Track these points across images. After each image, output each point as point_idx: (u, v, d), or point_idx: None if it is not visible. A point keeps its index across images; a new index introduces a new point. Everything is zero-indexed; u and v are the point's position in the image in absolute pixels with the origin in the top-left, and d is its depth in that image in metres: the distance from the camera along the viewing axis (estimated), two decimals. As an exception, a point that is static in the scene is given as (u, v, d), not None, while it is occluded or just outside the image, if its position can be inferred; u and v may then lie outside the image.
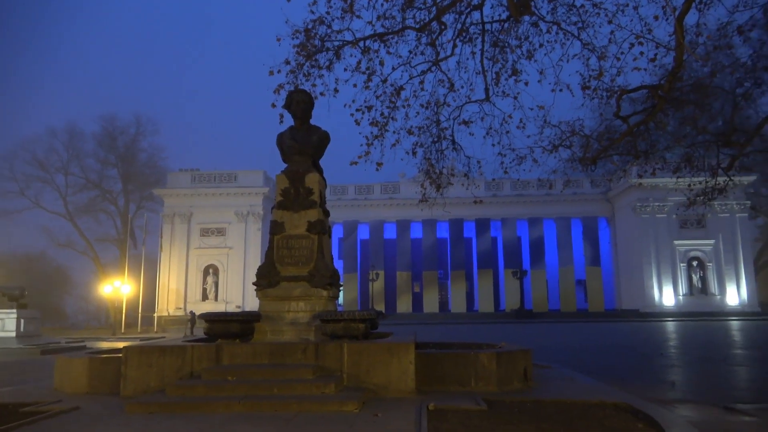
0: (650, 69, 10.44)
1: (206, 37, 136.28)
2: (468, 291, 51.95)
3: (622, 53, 10.10)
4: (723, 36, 9.72)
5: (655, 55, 9.89)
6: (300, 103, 9.50)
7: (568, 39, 10.61)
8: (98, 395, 7.77)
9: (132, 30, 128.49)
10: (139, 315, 42.53)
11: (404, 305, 50.36)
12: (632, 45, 9.91)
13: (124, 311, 40.90)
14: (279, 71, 10.38)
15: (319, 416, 6.06)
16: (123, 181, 58.34)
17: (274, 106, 10.56)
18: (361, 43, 10.63)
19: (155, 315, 44.84)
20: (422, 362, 7.70)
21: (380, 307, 47.39)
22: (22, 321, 22.40)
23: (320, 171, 9.83)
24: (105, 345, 25.24)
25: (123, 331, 39.77)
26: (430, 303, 50.32)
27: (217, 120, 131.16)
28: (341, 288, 10.13)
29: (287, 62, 10.47)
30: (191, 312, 36.52)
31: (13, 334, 21.93)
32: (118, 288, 41.73)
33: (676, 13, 8.75)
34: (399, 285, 50.84)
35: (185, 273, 47.60)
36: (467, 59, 11.34)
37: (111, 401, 7.22)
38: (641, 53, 9.91)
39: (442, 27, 10.84)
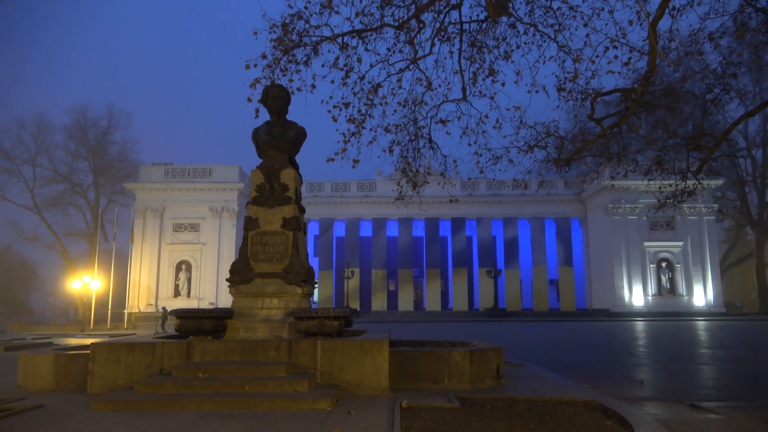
0: (624, 72, 10.64)
1: (183, 30, 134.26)
2: (443, 289, 52.27)
3: (597, 56, 10.26)
4: (694, 42, 9.93)
5: (629, 59, 10.07)
6: (276, 98, 9.43)
7: (544, 41, 10.74)
8: (64, 393, 7.58)
9: (106, 21, 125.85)
10: (109, 311, 41.73)
11: (379, 303, 50.42)
12: (607, 48, 10.08)
13: (93, 307, 40.08)
14: (255, 65, 10.27)
15: (291, 414, 6.01)
16: (94, 174, 57.12)
17: (250, 100, 10.44)
18: (339, 39, 10.58)
19: (125, 311, 44.07)
20: (396, 360, 7.70)
21: (355, 304, 47.35)
22: (-14, 316, 21.74)
23: (296, 167, 9.77)
24: (73, 342, 24.65)
25: (92, 327, 38.98)
26: (405, 301, 50.48)
27: (192, 114, 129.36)
28: (316, 285, 10.09)
29: (264, 56, 10.37)
30: (163, 308, 35.95)
31: (-24, 330, 21.27)
32: (87, 283, 40.86)
33: (650, 18, 8.92)
34: (374, 283, 50.88)
35: (157, 269, 46.87)
36: (445, 58, 11.39)
37: (77, 399, 7.06)
38: (615, 57, 10.07)
39: (421, 25, 10.86)
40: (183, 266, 47.24)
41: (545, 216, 52.04)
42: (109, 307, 41.62)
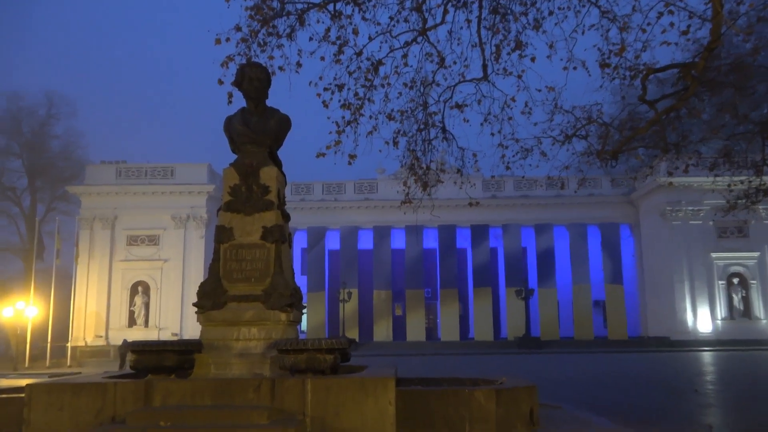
0: (682, 44, 10.66)
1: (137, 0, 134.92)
2: (461, 314, 52.11)
3: (648, 24, 10.27)
4: (768, 5, 9.97)
5: (688, 26, 10.09)
6: (254, 80, 9.46)
7: (583, 5, 10.76)
8: (-6, 446, 7.60)
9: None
10: (48, 345, 41.69)
11: (383, 332, 50.31)
12: (660, 14, 10.09)
13: (28, 340, 40.07)
14: (228, 40, 10.33)
15: (275, 470, 6.00)
16: (29, 175, 57.14)
17: (221, 83, 10.51)
18: (331, 6, 10.65)
19: (69, 345, 44.04)
20: (404, 402, 7.69)
21: (353, 334, 47.24)
22: None
23: (279, 164, 9.81)
24: (4, 383, 24.66)
25: (27, 365, 38.95)
26: (415, 329, 50.34)
27: (151, 102, 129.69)
28: (304, 310, 10.11)
29: (238, 28, 10.44)
30: (123, 341, 35.33)
31: None
32: (21, 310, 40.85)
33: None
34: (376, 307, 50.79)
35: (107, 292, 46.92)
36: (461, 28, 11.43)
37: (10, 454, 7.06)
38: (671, 24, 10.09)
39: (431, -12, 10.94)
40: (140, 288, 47.27)
41: (587, 222, 51.91)
42: (49, 340, 41.58)
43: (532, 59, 11.29)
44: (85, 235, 47.16)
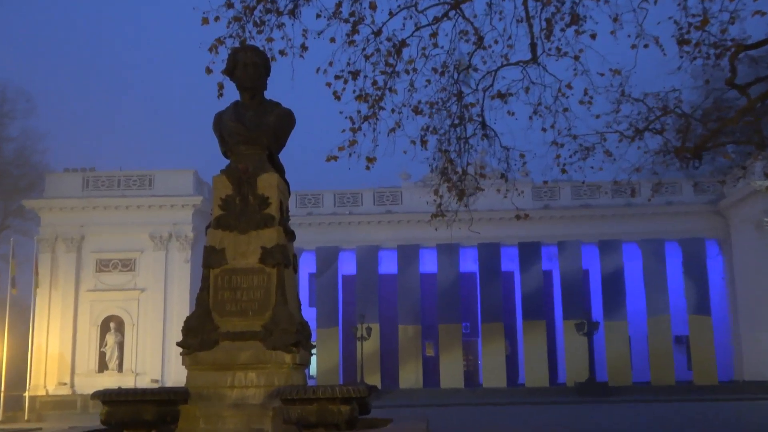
0: (780, 13, 10.54)
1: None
2: (508, 354, 51.65)
3: (737, -11, 10.21)
4: None
5: (788, -8, 10.01)
6: (249, 67, 9.50)
7: (655, -33, 10.73)
8: None
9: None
10: (1, 394, 42.05)
11: (411, 376, 50.02)
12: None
13: (-23, 389, 40.34)
14: (217, 18, 10.45)
15: None
16: (-23, 187, 58.11)
17: (209, 71, 10.61)
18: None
19: (26, 395, 44.29)
20: (438, 463, 7.64)
21: (374, 379, 47.00)
22: None
23: (280, 170, 9.84)
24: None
25: (-24, 419, 39.22)
26: (451, 373, 50.00)
27: (124, 99, 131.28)
28: (313, 350, 10.11)
29: (229, 5, 10.55)
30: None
31: None
32: (-32, 353, 41.23)
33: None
34: (403, 345, 50.54)
35: (73, 329, 47.15)
36: (503, 0, 11.46)
37: None
38: (766, -10, 10.03)
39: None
40: (112, 325, 47.46)
41: (665, 237, 51.31)
42: (2, 389, 41.92)
43: (592, 36, 11.28)
44: (45, 260, 47.43)
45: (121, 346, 47.27)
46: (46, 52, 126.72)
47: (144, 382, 44.52)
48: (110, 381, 44.09)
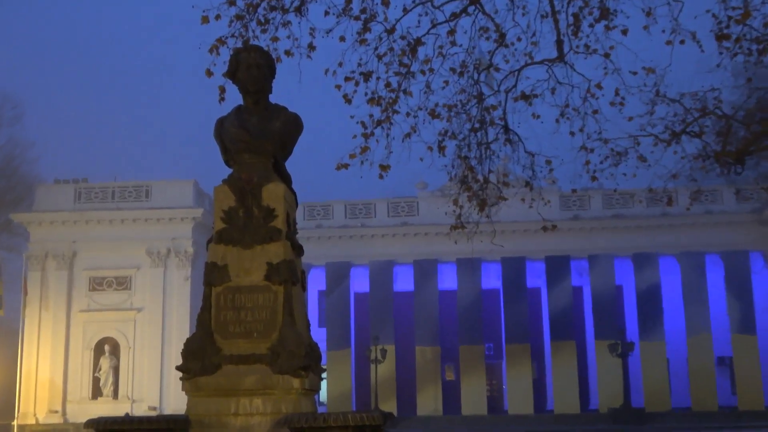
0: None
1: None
2: (536, 378, 51.43)
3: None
4: None
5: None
6: (252, 68, 9.51)
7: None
8: None
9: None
10: (-11, 423, 42.25)
11: (429, 402, 49.90)
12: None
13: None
14: (218, 17, 10.47)
15: None
16: (-37, 199, 58.47)
17: (210, 74, 10.63)
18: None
19: (15, 423, 44.50)
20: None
21: (390, 405, 46.87)
22: None
23: (287, 179, 9.84)
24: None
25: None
26: (473, 398, 49.82)
27: (119, 104, 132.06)
28: (324, 374, 10.06)
29: (231, 2, 10.56)
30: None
31: None
32: (-46, 378, 41.46)
33: None
34: (420, 369, 50.45)
35: (65, 352, 47.30)
36: (526, -7, 11.44)
37: None
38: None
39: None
40: (106, 348, 47.58)
41: (705, 250, 51.00)
42: (-10, 417, 42.14)
43: (624, 31, 11.25)
44: (35, 278, 47.67)
45: (116, 370, 47.37)
46: (35, 56, 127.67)
47: (141, 410, 44.52)
48: (105, 408, 44.11)
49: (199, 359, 8.95)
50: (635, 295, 51.50)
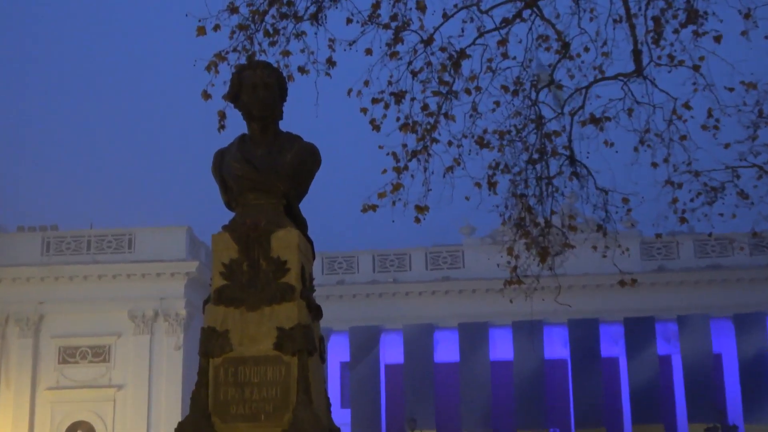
0: None
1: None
2: (615, 470, 51.09)
3: None
4: None
5: None
6: (259, 89, 9.57)
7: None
8: None
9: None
10: None
11: (481, 503, 49.61)
12: None
13: None
14: (217, 27, 10.62)
15: None
16: None
17: (207, 96, 10.76)
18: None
19: None
20: None
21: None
22: None
23: (302, 225, 9.88)
24: None
25: None
26: (537, 497, 49.50)
27: (95, 135, 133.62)
28: (348, 466, 10.05)
29: (233, 9, 10.71)
30: None
31: None
32: None
33: None
34: (468, 459, 50.22)
35: (29, 440, 47.57)
36: (594, -5, 11.56)
37: None
38: None
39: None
40: (79, 433, 47.80)
41: (827, 307, 50.60)
42: None
43: (717, 38, 11.26)
44: (-7, 348, 48.04)
45: (92, 463, 47.43)
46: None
47: None
48: None
49: (194, 448, 8.98)
50: (737, 366, 50.99)
